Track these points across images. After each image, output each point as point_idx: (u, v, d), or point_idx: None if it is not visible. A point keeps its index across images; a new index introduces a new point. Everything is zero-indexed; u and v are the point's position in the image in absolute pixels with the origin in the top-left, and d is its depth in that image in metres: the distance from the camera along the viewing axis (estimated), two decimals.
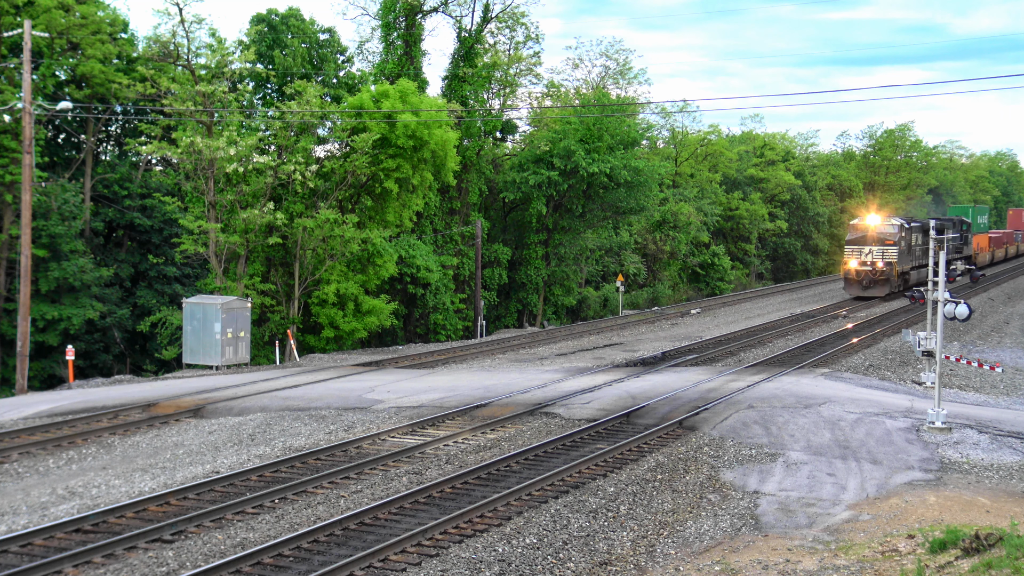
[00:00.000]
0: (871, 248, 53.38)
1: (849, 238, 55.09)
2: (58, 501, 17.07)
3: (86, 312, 41.06)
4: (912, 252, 56.92)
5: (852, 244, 54.29)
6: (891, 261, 53.35)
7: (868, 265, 53.55)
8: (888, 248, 53.36)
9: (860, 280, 53.73)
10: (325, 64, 51.28)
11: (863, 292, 53.84)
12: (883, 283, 53.49)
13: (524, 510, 16.45)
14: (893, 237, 53.40)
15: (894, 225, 54.04)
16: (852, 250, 54.24)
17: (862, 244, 53.54)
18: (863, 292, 53.84)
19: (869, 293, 53.80)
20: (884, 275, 53.31)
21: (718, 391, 26.68)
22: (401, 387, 27.80)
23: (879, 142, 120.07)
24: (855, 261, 53.93)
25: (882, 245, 53.21)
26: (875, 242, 53.30)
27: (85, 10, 43.71)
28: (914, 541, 14.64)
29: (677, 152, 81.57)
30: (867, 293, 53.85)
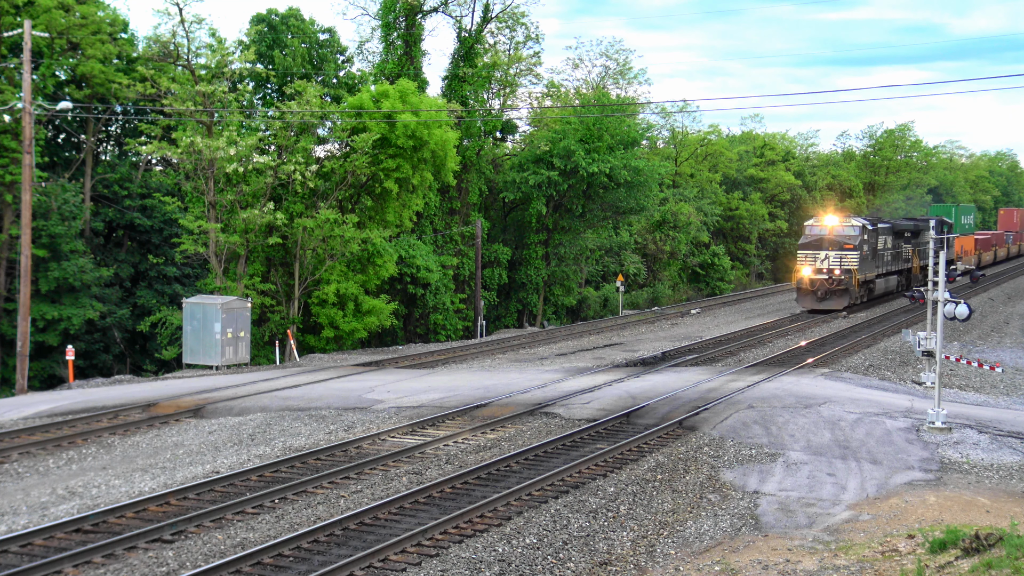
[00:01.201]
0: (827, 253, 46.65)
1: (802, 242, 48.12)
2: (58, 501, 17.07)
3: (86, 312, 41.07)
4: (878, 257, 50.70)
5: (806, 249, 47.55)
6: (851, 268, 46.70)
7: (824, 273, 46.78)
8: (848, 253, 46.65)
9: (814, 290, 46.99)
10: (325, 64, 51.28)
11: (818, 305, 47.23)
12: (841, 294, 46.86)
13: (524, 510, 16.45)
14: (854, 240, 46.85)
15: (855, 226, 47.29)
16: (806, 256, 47.40)
17: (817, 249, 46.91)
18: (818, 305, 47.23)
19: (825, 306, 47.04)
20: (842, 284, 46.68)
21: (718, 391, 26.68)
22: (401, 387, 27.80)
23: (879, 142, 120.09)
24: (809, 268, 47.10)
25: (840, 250, 46.59)
26: (832, 246, 46.71)
27: (85, 10, 43.71)
28: (914, 541, 14.64)
29: (677, 152, 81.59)
30: (822, 306, 47.11)
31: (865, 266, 48.07)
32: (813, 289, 46.95)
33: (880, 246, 50.56)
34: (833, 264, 46.65)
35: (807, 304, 47.47)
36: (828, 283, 46.71)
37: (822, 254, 46.77)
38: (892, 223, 53.88)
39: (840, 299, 46.83)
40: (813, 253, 47.03)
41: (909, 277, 57.67)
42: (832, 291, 46.77)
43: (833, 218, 48.16)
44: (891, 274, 53.57)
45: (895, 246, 53.49)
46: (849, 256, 46.62)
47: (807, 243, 47.49)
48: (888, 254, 52.33)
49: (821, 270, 46.89)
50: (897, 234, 53.67)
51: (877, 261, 50.33)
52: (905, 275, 56.95)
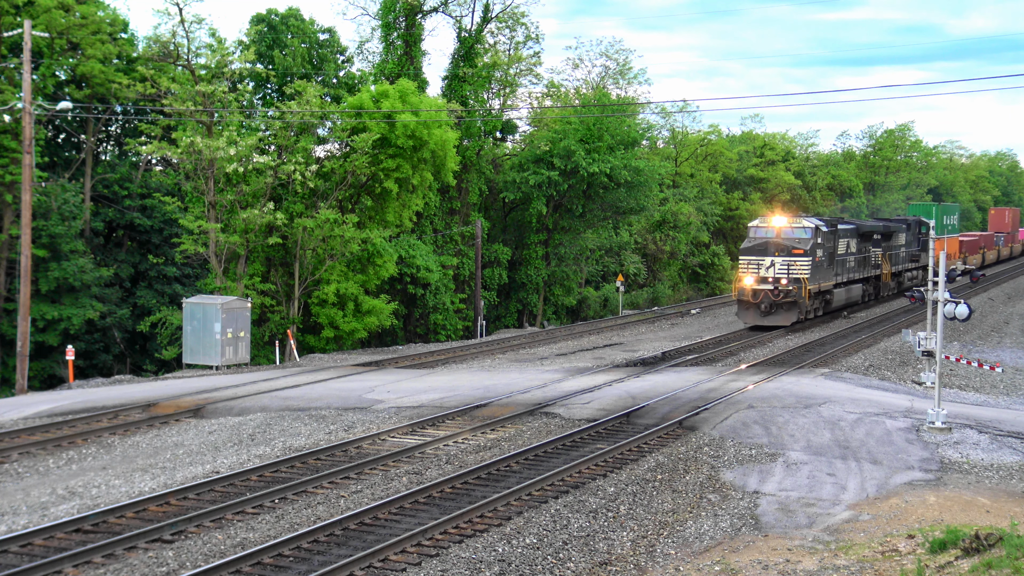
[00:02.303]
0: (773, 260, 40.35)
1: (744, 246, 41.84)
2: (58, 501, 17.07)
3: (86, 312, 41.07)
4: (835, 264, 44.31)
5: (748, 254, 41.16)
6: (800, 276, 40.31)
7: (769, 282, 40.37)
8: (797, 259, 40.33)
9: (757, 303, 40.55)
10: (325, 64, 51.28)
11: (761, 320, 40.79)
12: (789, 307, 40.46)
13: (524, 510, 16.45)
14: (804, 244, 40.58)
15: (806, 228, 41.10)
16: (748, 263, 41.04)
17: (762, 254, 40.72)
18: (761, 320, 40.79)
19: (769, 321, 40.65)
20: (790, 296, 40.17)
21: (718, 391, 26.68)
22: (401, 387, 27.80)
23: (879, 142, 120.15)
24: (751, 278, 40.71)
25: (788, 256, 40.31)
26: (779, 251, 40.49)
27: (85, 10, 43.72)
28: (914, 541, 14.64)
29: (677, 152, 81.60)
30: (766, 321, 40.69)
31: (819, 274, 42.08)
32: (756, 301, 40.55)
33: (841, 250, 45.03)
34: (779, 272, 40.30)
35: (749, 319, 41.34)
36: (773, 294, 40.28)
37: (767, 260, 40.59)
38: (857, 224, 48.75)
39: (787, 313, 40.61)
40: (757, 260, 40.86)
41: (878, 285, 52.93)
42: (778, 304, 40.38)
43: (781, 219, 42.11)
44: (854, 282, 47.81)
45: (861, 250, 48.14)
46: (799, 263, 40.38)
47: (750, 248, 41.31)
48: (852, 259, 46.80)
49: (765, 279, 40.56)
50: (863, 236, 48.49)
51: (836, 268, 44.45)
52: (873, 283, 51.92)
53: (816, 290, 42.02)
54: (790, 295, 40.21)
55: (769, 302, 40.38)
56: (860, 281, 48.85)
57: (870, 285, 51.24)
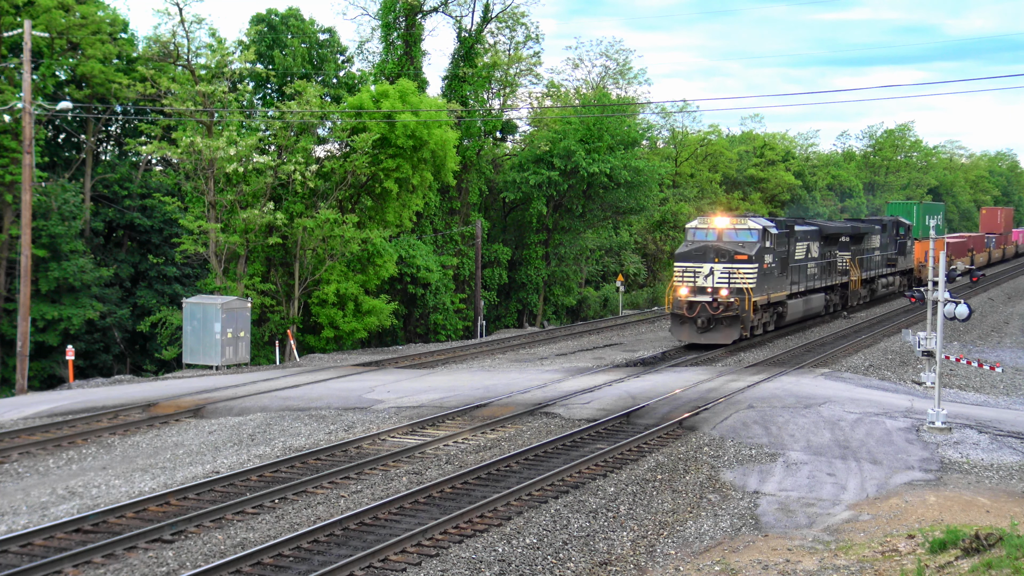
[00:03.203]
0: (712, 267, 34.79)
1: (680, 251, 36.14)
2: (58, 501, 17.07)
3: (86, 312, 41.08)
4: (790, 271, 38.82)
5: (685, 260, 35.43)
6: (744, 287, 34.78)
7: (707, 293, 34.84)
8: (740, 267, 34.79)
9: (693, 317, 34.86)
10: (325, 64, 51.29)
11: (699, 337, 35.10)
12: (730, 322, 34.77)
13: (524, 510, 16.45)
14: (749, 249, 35.16)
15: (752, 230, 35.58)
16: (684, 270, 35.35)
17: (700, 260, 35.13)
18: (699, 337, 35.10)
19: (708, 339, 35.03)
20: (731, 310, 34.55)
21: (718, 391, 26.68)
22: (401, 387, 27.80)
23: (879, 142, 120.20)
24: (687, 288, 35.11)
25: (730, 262, 34.80)
26: (720, 257, 34.95)
27: (85, 10, 43.72)
28: (914, 541, 14.64)
29: (677, 152, 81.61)
30: (704, 339, 35.07)
31: (768, 283, 36.55)
32: (691, 316, 34.88)
33: (800, 255, 39.96)
34: (719, 282, 34.79)
35: (684, 335, 35.57)
36: (711, 307, 34.63)
37: (705, 268, 34.95)
38: (820, 225, 43.79)
39: (728, 330, 34.86)
40: (694, 267, 35.20)
41: (846, 294, 47.43)
42: (717, 319, 34.72)
43: (723, 219, 36.45)
44: (815, 292, 42.39)
45: (824, 255, 43.18)
46: (742, 271, 34.78)
47: (686, 253, 35.60)
48: (812, 266, 41.72)
49: (703, 289, 34.97)
50: (828, 239, 43.46)
51: (792, 275, 39.11)
52: (839, 291, 46.50)
53: (764, 302, 36.53)
54: (731, 308, 34.47)
55: (707, 316, 34.69)
56: (823, 290, 43.59)
57: (835, 294, 46.02)
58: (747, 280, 34.86)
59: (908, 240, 57.01)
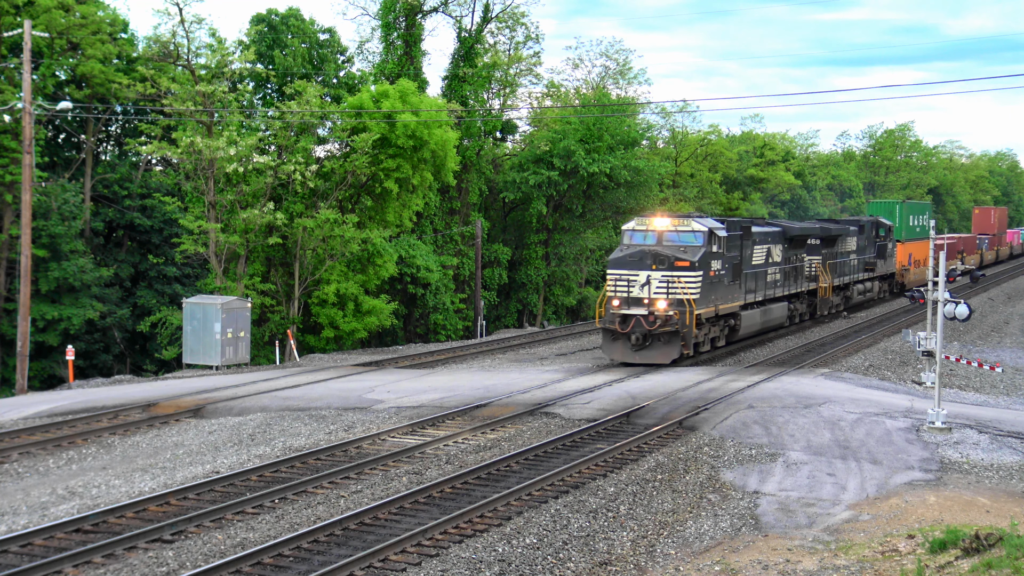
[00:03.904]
0: (649, 275, 30.67)
1: (614, 256, 31.91)
2: (58, 501, 17.07)
3: (86, 312, 41.07)
4: (744, 278, 34.68)
5: (619, 267, 31.24)
6: (685, 297, 30.59)
7: (642, 305, 30.63)
8: (681, 275, 30.70)
9: (627, 333, 30.66)
10: (325, 64, 51.29)
11: (633, 356, 30.93)
12: (669, 338, 30.59)
13: (524, 510, 16.45)
14: (692, 254, 31.02)
15: (696, 232, 31.40)
16: (618, 278, 31.11)
17: (635, 267, 30.85)
18: (633, 356, 30.93)
19: (643, 358, 30.84)
20: (670, 324, 30.28)
21: (718, 391, 26.68)
22: (401, 387, 27.80)
23: (879, 142, 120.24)
24: (619, 299, 30.97)
25: (670, 269, 30.72)
26: (658, 263, 30.75)
27: (85, 10, 43.73)
28: (914, 541, 14.64)
29: (677, 152, 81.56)
30: (639, 358, 30.88)
31: (716, 293, 32.42)
32: (624, 331, 30.65)
33: (758, 260, 36.04)
34: (657, 292, 30.60)
35: (617, 353, 31.28)
36: (647, 322, 30.37)
37: (641, 276, 30.74)
38: (783, 226, 39.66)
39: (666, 347, 30.73)
40: (629, 275, 30.92)
41: (814, 302, 43.24)
42: (653, 335, 30.54)
43: (663, 220, 32.02)
44: (776, 300, 38.25)
45: (788, 259, 39.28)
46: (683, 279, 30.70)
47: (621, 259, 31.39)
48: (774, 272, 37.64)
49: (639, 301, 30.69)
50: (793, 242, 39.53)
51: (747, 283, 35.06)
52: (806, 300, 42.43)
53: (711, 314, 32.34)
54: (670, 323, 30.25)
55: (642, 332, 30.45)
56: (786, 299, 39.53)
57: (801, 303, 41.98)
58: (689, 290, 30.63)
59: (889, 242, 52.89)
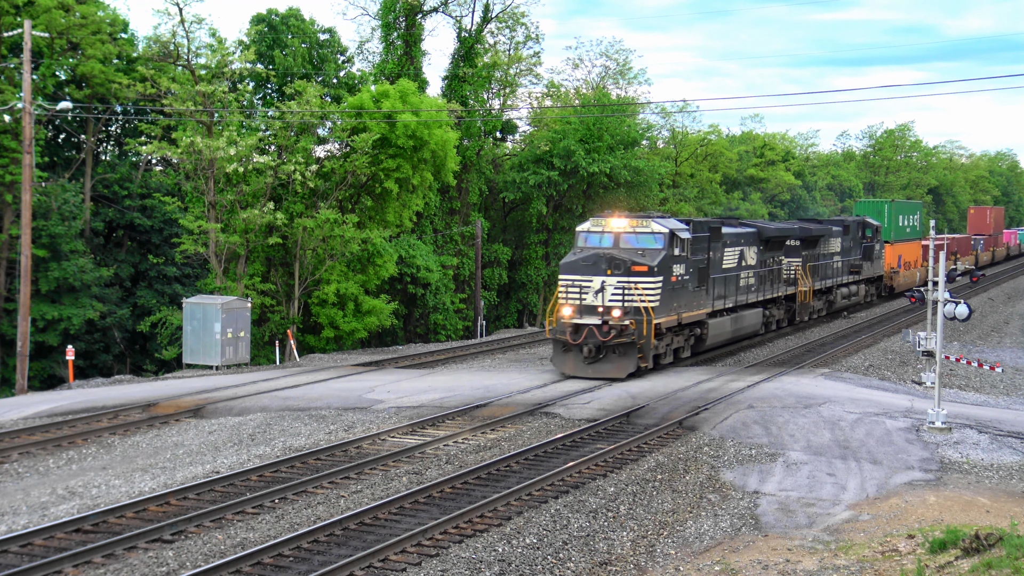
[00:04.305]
0: (604, 281, 28.15)
1: (567, 260, 29.39)
2: (58, 501, 17.07)
3: (86, 312, 41.06)
4: (712, 283, 32.23)
5: (572, 272, 28.71)
6: (643, 305, 27.98)
7: (596, 314, 28.04)
8: (638, 280, 28.07)
9: (579, 344, 28.14)
10: (325, 64, 51.29)
11: (586, 369, 28.36)
12: (624, 350, 28.02)
13: (524, 510, 16.45)
14: (650, 258, 28.46)
15: (656, 234, 28.84)
16: (570, 284, 28.59)
17: (590, 272, 28.38)
18: (586, 369, 28.36)
19: (597, 372, 28.26)
20: (626, 335, 27.85)
21: (718, 391, 26.68)
22: (401, 387, 27.79)
23: (879, 142, 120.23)
24: (571, 307, 28.40)
25: (626, 275, 28.10)
26: (614, 268, 28.22)
27: (85, 10, 43.71)
28: (914, 541, 14.65)
29: (677, 152, 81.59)
30: (593, 372, 28.29)
31: (678, 299, 29.87)
32: (576, 342, 28.15)
33: (729, 263, 33.75)
34: (612, 299, 28.02)
35: (568, 366, 28.67)
36: (601, 332, 27.86)
37: (595, 282, 28.22)
38: (758, 227, 37.10)
39: (622, 360, 28.08)
40: (582, 280, 28.43)
41: (792, 308, 40.76)
42: (607, 346, 27.98)
43: (621, 220, 29.38)
44: (749, 306, 35.78)
45: (765, 262, 37.01)
46: (641, 285, 28.02)
47: (574, 263, 28.86)
48: (748, 276, 35.33)
49: (593, 309, 28.16)
50: (770, 244, 37.26)
51: (716, 289, 32.66)
52: (783, 305, 39.99)
53: (672, 323, 29.78)
54: (625, 333, 27.79)
55: (595, 343, 27.88)
56: (760, 304, 36.94)
57: (779, 308, 39.60)
58: (647, 297, 28.02)
59: (876, 243, 50.36)
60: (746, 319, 35.56)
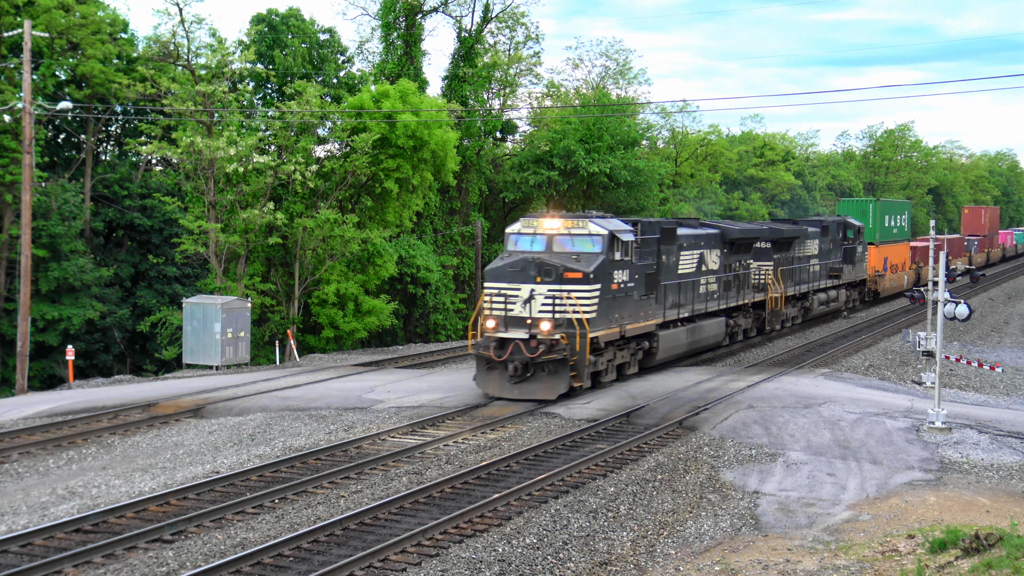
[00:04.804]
0: (533, 289, 24.69)
1: (493, 266, 25.90)
2: (58, 501, 17.07)
3: (86, 312, 41.05)
4: (659, 291, 28.87)
5: (498, 279, 25.33)
6: (576, 317, 24.64)
7: (524, 327, 24.70)
8: (572, 289, 24.73)
9: (504, 361, 24.58)
10: (325, 64, 51.28)
11: (512, 390, 24.90)
12: (555, 368, 24.55)
13: (524, 510, 16.45)
14: (586, 263, 25.18)
15: (594, 236, 25.61)
16: (496, 293, 25.21)
17: (518, 279, 24.99)
18: (512, 390, 24.90)
19: (523, 392, 24.83)
20: (556, 351, 24.34)
21: (718, 391, 26.68)
22: (401, 387, 27.79)
23: (879, 142, 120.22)
24: (495, 320, 25.06)
25: (558, 282, 24.77)
26: (544, 275, 24.81)
27: (85, 10, 43.70)
28: (914, 541, 14.64)
29: (677, 152, 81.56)
30: (520, 392, 24.85)
31: (620, 310, 26.59)
32: (500, 359, 24.59)
33: (685, 268, 30.61)
34: (542, 310, 24.72)
35: (492, 386, 25.20)
36: (528, 347, 24.38)
37: (524, 290, 24.79)
38: (721, 228, 33.92)
39: (552, 379, 24.67)
40: (509, 289, 25.01)
41: (762, 316, 37.55)
42: (536, 363, 24.52)
43: (555, 221, 26.01)
44: (709, 315, 32.65)
45: (729, 266, 33.98)
46: (574, 294, 24.68)
47: (500, 268, 25.50)
48: (708, 281, 32.27)
49: (520, 321, 24.82)
50: (735, 246, 34.26)
51: (669, 297, 29.53)
52: (749, 314, 36.84)
53: (614, 336, 26.41)
54: (556, 348, 24.31)
55: (522, 360, 24.44)
56: (724, 313, 33.98)
57: (746, 317, 36.51)
58: (582, 307, 24.65)
59: (858, 245, 47.26)
60: (705, 329, 32.36)
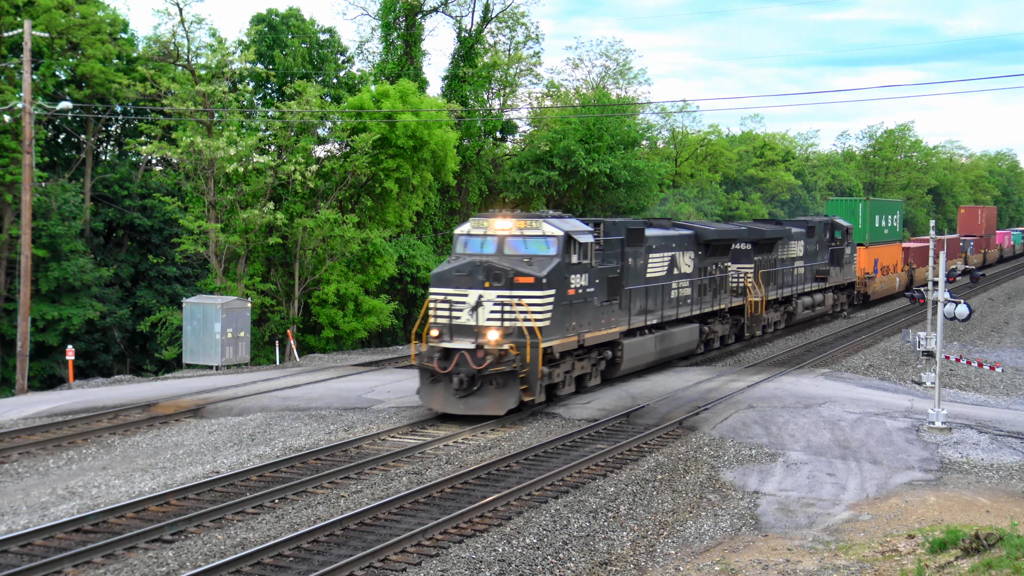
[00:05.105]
0: (481, 294, 22.81)
1: (439, 270, 24.04)
2: (58, 501, 17.07)
3: (86, 312, 41.06)
4: (624, 297, 26.97)
5: (444, 284, 23.40)
6: (527, 326, 22.59)
7: (470, 336, 22.82)
8: (523, 295, 22.77)
9: (449, 373, 22.76)
10: (325, 64, 51.28)
11: (457, 405, 22.91)
12: (504, 381, 22.49)
13: (524, 510, 16.45)
14: (539, 266, 23.19)
15: (548, 237, 23.63)
16: (441, 299, 23.32)
17: (465, 284, 23.05)
18: (457, 405, 22.91)
19: (470, 408, 22.80)
20: (505, 362, 22.38)
21: (718, 391, 26.68)
22: (401, 387, 27.79)
23: (879, 142, 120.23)
24: (439, 328, 23.26)
25: (508, 287, 22.78)
26: (493, 279, 22.85)
27: (85, 10, 43.71)
28: (914, 541, 14.65)
29: (677, 152, 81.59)
30: (465, 407, 22.83)
31: (578, 317, 24.59)
32: (446, 371, 22.81)
33: (654, 272, 28.81)
34: (490, 318, 22.81)
35: (437, 400, 23.25)
36: (475, 359, 22.55)
37: (471, 296, 22.90)
38: (695, 229, 32.05)
39: (500, 393, 22.62)
40: (455, 295, 23.12)
41: (740, 321, 35.80)
42: (483, 376, 22.54)
43: (506, 221, 24.00)
44: (681, 322, 30.97)
45: (704, 269, 32.28)
46: (525, 300, 22.71)
47: (446, 272, 23.61)
48: (680, 285, 30.35)
49: (467, 329, 22.93)
50: (710, 248, 32.52)
51: (636, 302, 27.73)
52: (726, 319, 34.97)
53: (571, 346, 24.41)
54: (505, 359, 22.37)
55: (469, 373, 22.53)
56: (698, 319, 32.21)
57: (723, 323, 34.74)
58: (534, 315, 22.65)
59: (847, 246, 45.38)
60: (677, 337, 30.50)
